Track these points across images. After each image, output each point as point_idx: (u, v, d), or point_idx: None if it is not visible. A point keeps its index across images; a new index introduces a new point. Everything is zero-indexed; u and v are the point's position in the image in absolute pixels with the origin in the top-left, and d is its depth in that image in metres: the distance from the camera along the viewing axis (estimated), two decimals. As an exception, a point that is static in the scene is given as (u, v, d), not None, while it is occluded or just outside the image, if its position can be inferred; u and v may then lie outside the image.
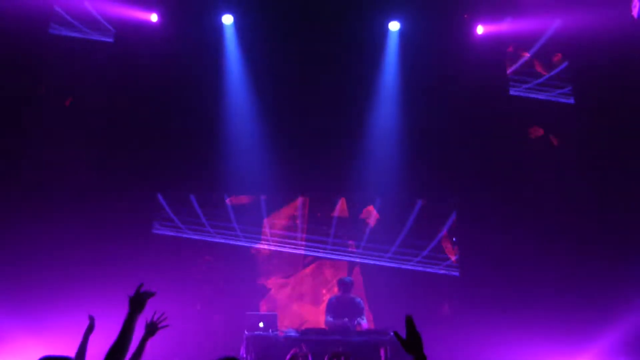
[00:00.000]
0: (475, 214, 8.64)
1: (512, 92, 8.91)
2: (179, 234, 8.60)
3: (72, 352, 6.48)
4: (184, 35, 8.65)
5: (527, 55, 9.02)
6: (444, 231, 8.76)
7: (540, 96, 8.94)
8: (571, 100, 8.83)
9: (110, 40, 8.55)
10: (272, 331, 6.67)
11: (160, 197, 8.65)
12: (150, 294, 3.28)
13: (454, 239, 8.76)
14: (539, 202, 8.57)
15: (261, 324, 6.71)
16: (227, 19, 8.77)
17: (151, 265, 8.22)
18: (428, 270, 8.67)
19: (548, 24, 8.76)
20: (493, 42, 8.92)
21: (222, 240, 8.63)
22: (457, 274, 8.63)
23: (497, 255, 8.37)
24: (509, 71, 9.01)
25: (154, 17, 8.68)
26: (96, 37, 8.55)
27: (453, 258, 8.68)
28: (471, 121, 8.84)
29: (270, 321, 6.79)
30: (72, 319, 7.24)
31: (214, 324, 8.00)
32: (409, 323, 2.46)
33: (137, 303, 3.20)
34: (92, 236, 8.04)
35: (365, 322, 7.12)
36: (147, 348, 3.98)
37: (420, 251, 8.69)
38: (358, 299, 7.42)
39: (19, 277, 7.67)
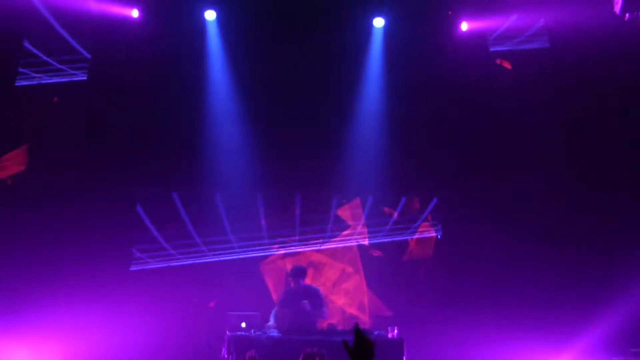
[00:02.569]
0: (456, 212, 8.64)
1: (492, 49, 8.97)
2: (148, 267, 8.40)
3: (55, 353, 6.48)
4: (166, 31, 8.57)
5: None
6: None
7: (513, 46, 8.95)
8: (546, 45, 8.83)
9: (83, 78, 8.46)
10: (254, 331, 6.66)
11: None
12: None
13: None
14: (521, 200, 8.58)
15: (243, 324, 6.70)
16: (210, 15, 8.70)
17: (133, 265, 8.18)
18: (397, 238, 8.74)
19: (532, 21, 8.77)
20: (477, 39, 8.93)
21: (190, 262, 8.45)
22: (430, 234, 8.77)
23: (478, 253, 8.38)
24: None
25: (135, 13, 8.58)
26: (67, 78, 8.44)
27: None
28: (455, 118, 8.82)
29: (252, 321, 6.77)
30: (51, 318, 7.27)
31: (195, 324, 7.96)
32: (357, 332, 2.34)
33: None
34: (73, 236, 7.95)
35: (325, 314, 7.11)
36: (129, 348, 3.92)
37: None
38: (314, 287, 7.35)
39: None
